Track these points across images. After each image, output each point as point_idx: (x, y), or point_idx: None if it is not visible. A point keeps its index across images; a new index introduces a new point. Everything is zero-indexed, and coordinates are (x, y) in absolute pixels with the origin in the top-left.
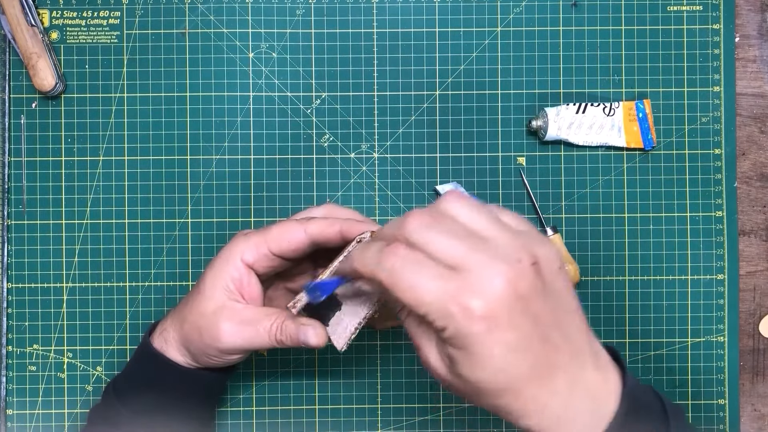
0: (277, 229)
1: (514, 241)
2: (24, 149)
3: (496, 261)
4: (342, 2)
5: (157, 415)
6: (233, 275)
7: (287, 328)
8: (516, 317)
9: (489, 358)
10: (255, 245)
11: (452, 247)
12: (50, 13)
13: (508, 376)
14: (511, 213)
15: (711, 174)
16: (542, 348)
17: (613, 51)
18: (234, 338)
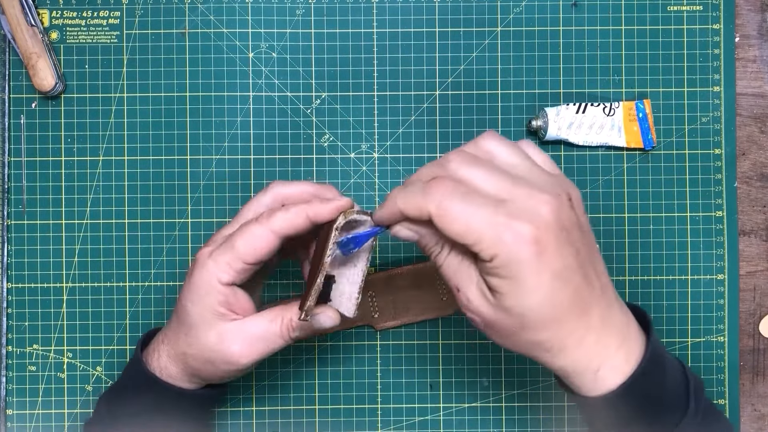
0: (243, 241)
1: (550, 180)
2: (24, 149)
3: (540, 192)
4: (342, 2)
5: (149, 429)
6: (219, 299)
7: (298, 324)
8: (561, 246)
9: (537, 285)
10: (228, 265)
11: (497, 181)
12: (50, 13)
13: (554, 305)
14: (543, 154)
15: (711, 174)
16: (582, 281)
17: (613, 51)
18: (251, 356)
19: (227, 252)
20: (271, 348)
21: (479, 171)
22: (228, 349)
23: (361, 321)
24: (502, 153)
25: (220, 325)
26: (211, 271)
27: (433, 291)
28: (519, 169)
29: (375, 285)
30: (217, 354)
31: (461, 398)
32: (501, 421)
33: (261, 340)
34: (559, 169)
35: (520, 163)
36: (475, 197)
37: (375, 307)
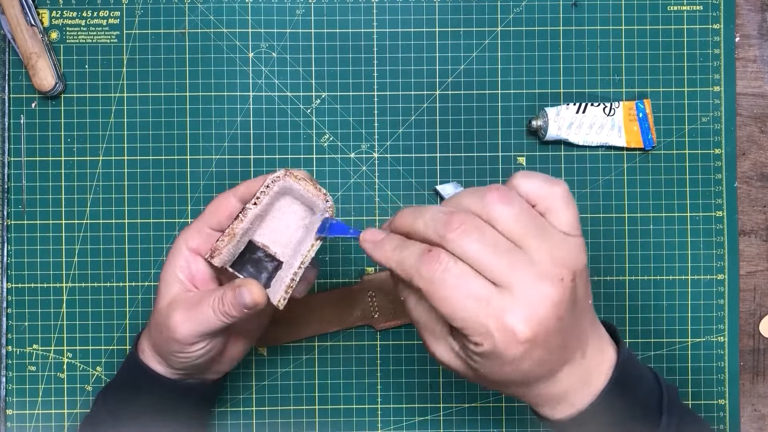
0: (211, 206)
1: (557, 255)
2: (24, 149)
3: (541, 281)
4: (342, 2)
5: (147, 424)
6: (181, 265)
7: (226, 297)
8: (551, 337)
9: (515, 369)
10: (195, 230)
11: (496, 262)
12: (50, 13)
13: (526, 379)
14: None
15: (711, 174)
16: (560, 353)
17: (613, 51)
18: (185, 325)
19: (196, 219)
20: (206, 320)
21: (481, 247)
22: (171, 314)
23: (361, 321)
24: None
25: (175, 292)
26: (182, 235)
27: None
28: (526, 240)
29: (375, 285)
30: (163, 319)
31: (461, 398)
32: (501, 421)
33: (197, 308)
34: (576, 222)
35: (528, 231)
36: (471, 281)
37: (375, 307)
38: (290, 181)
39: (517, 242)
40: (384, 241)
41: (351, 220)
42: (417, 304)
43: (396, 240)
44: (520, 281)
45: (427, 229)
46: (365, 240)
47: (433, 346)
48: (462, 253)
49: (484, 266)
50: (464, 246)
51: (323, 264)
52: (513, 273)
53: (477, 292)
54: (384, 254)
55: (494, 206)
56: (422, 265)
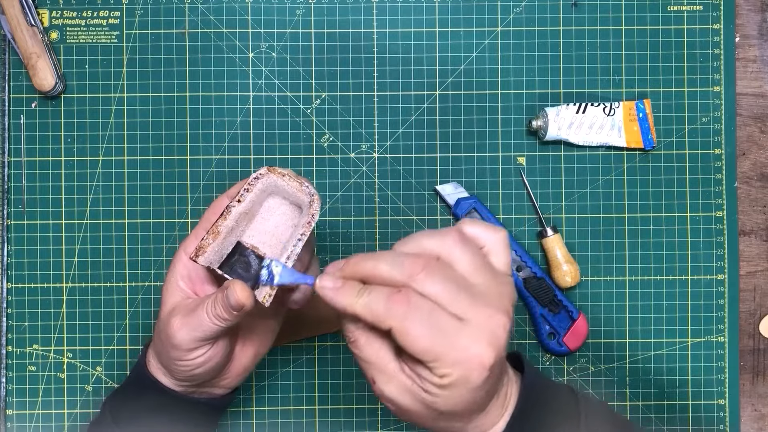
0: (207, 211)
1: (500, 289)
2: (24, 149)
3: (497, 313)
4: (342, 2)
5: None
6: (182, 273)
7: (218, 299)
8: (500, 363)
9: (473, 398)
10: (194, 236)
11: (459, 299)
12: (50, 13)
13: (475, 408)
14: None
15: (711, 174)
16: (498, 383)
17: (613, 51)
18: (183, 330)
19: (196, 227)
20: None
21: (443, 286)
22: (170, 320)
23: None
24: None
25: (176, 299)
26: (182, 243)
27: None
28: (478, 279)
29: None
30: (164, 326)
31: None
32: None
33: (193, 316)
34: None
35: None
36: (438, 317)
37: None
38: (273, 177)
39: (472, 280)
40: (345, 288)
41: (351, 221)
42: (366, 344)
43: (356, 285)
44: (479, 314)
45: (392, 272)
46: (324, 287)
47: (383, 385)
48: (428, 293)
49: (448, 303)
50: (430, 286)
51: (323, 264)
52: (473, 307)
53: (445, 327)
54: (348, 300)
55: (455, 248)
56: (392, 305)
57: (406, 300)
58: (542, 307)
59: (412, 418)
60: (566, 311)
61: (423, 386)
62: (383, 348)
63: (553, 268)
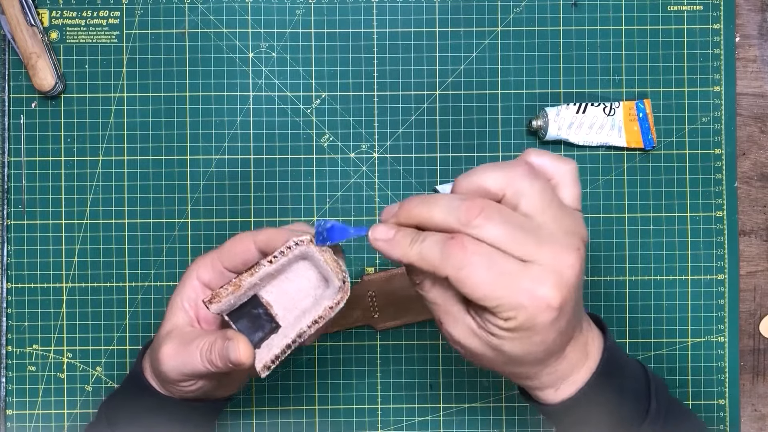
0: (230, 243)
1: (570, 226)
2: (24, 149)
3: (563, 252)
4: (342, 2)
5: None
6: (189, 295)
7: (216, 345)
8: (573, 305)
9: (543, 341)
10: (210, 262)
11: (522, 240)
12: (50, 13)
13: (547, 352)
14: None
15: (711, 174)
16: (573, 328)
17: (613, 51)
18: (171, 361)
19: (215, 251)
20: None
21: (503, 229)
22: (162, 346)
23: (361, 321)
24: (534, 195)
25: (177, 321)
26: (197, 263)
27: None
28: (546, 216)
29: (375, 285)
30: (157, 346)
31: (461, 398)
32: (501, 421)
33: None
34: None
35: (544, 209)
36: (498, 261)
37: (375, 307)
38: (313, 249)
39: (538, 215)
40: (398, 237)
41: (351, 221)
42: (432, 287)
43: (410, 233)
44: (544, 255)
45: (447, 218)
46: (377, 239)
47: (450, 327)
48: (486, 237)
49: (509, 246)
50: (488, 230)
51: None
52: (537, 248)
53: (506, 271)
54: (402, 250)
55: (523, 181)
56: (448, 253)
57: (462, 247)
58: None
59: (482, 362)
60: None
61: (489, 329)
62: (449, 290)
63: None
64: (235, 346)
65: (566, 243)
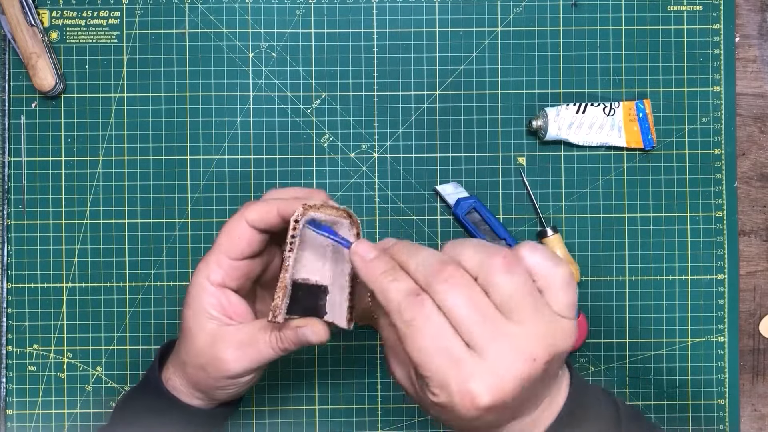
0: (224, 235)
1: (542, 334)
2: (24, 149)
3: (514, 357)
4: (342, 2)
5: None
6: (211, 302)
7: (286, 336)
8: (507, 406)
9: (463, 424)
10: (214, 263)
11: (475, 325)
12: (50, 13)
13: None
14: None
15: (711, 174)
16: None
17: (613, 51)
18: (240, 362)
19: (213, 251)
20: (262, 357)
21: (463, 306)
22: (219, 353)
23: (361, 321)
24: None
25: (213, 329)
26: (202, 272)
27: None
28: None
29: None
30: (209, 359)
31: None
32: None
33: (251, 346)
34: (574, 310)
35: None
36: (446, 335)
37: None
38: (311, 213)
39: (506, 312)
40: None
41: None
42: (388, 327)
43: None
44: (494, 351)
45: (417, 272)
46: (356, 252)
47: (394, 366)
48: (446, 307)
49: (464, 326)
50: (449, 300)
51: None
52: (490, 342)
53: (450, 351)
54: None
55: (497, 273)
56: (406, 306)
57: (420, 307)
58: None
59: (415, 401)
60: None
61: (422, 390)
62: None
63: None
64: (312, 331)
65: (522, 350)
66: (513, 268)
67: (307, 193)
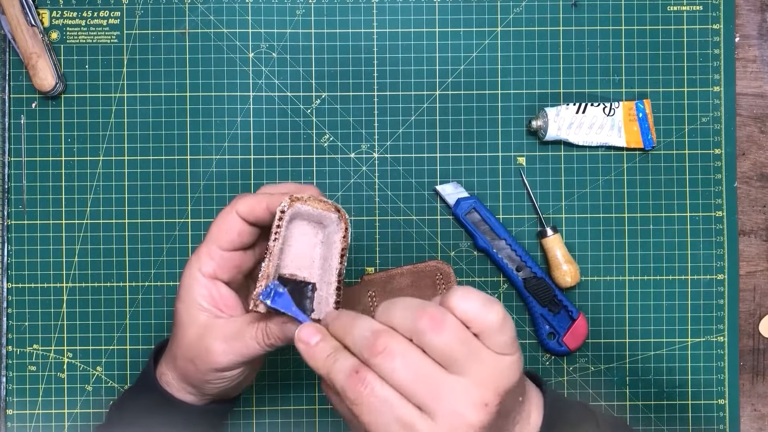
0: (215, 227)
1: (486, 377)
2: (24, 149)
3: (464, 408)
4: (342, 2)
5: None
6: (202, 293)
7: (272, 331)
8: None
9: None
10: (206, 254)
11: (420, 388)
12: (50, 13)
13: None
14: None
15: (711, 174)
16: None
17: (613, 51)
18: (227, 355)
19: (204, 243)
20: (248, 351)
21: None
22: (207, 345)
23: None
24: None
25: (202, 321)
26: (193, 264)
27: (433, 291)
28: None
29: (375, 285)
30: (197, 351)
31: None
32: None
33: (238, 340)
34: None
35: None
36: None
37: (375, 307)
38: (297, 205)
39: (447, 366)
40: (319, 346)
41: (351, 221)
42: (341, 404)
43: (330, 347)
44: (443, 408)
45: (354, 347)
46: (300, 340)
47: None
48: (387, 377)
49: (409, 391)
50: (388, 370)
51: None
52: (436, 400)
53: (401, 418)
54: (316, 362)
55: (425, 333)
56: (350, 386)
57: (362, 383)
58: (542, 307)
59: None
60: (566, 311)
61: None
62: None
63: (553, 268)
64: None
65: (472, 400)
66: (441, 324)
67: (299, 188)
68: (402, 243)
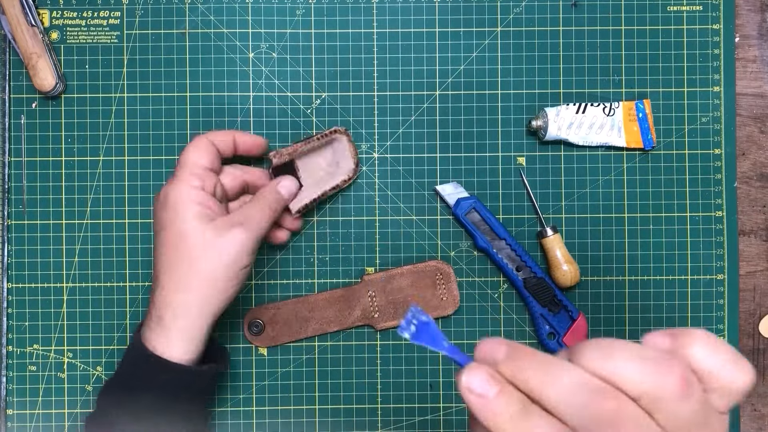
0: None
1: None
2: (24, 149)
3: None
4: (342, 2)
5: (154, 416)
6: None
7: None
8: None
9: None
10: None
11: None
12: (50, 13)
13: None
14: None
15: (711, 174)
16: None
17: (613, 51)
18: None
19: (179, 167)
20: (261, 226)
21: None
22: (231, 235)
23: (361, 321)
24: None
25: (210, 225)
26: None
27: (433, 291)
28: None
29: (375, 285)
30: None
31: (461, 398)
32: None
33: (250, 220)
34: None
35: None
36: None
37: (375, 307)
38: (344, 138)
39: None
40: (500, 401)
41: (351, 221)
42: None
43: (517, 402)
44: None
45: (559, 409)
46: (471, 390)
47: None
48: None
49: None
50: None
51: (323, 264)
52: None
53: None
54: (496, 422)
55: (673, 400)
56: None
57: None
58: (542, 307)
59: None
60: (566, 311)
61: None
62: None
63: (553, 268)
64: (288, 180)
65: None
66: (691, 390)
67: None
68: (402, 243)
